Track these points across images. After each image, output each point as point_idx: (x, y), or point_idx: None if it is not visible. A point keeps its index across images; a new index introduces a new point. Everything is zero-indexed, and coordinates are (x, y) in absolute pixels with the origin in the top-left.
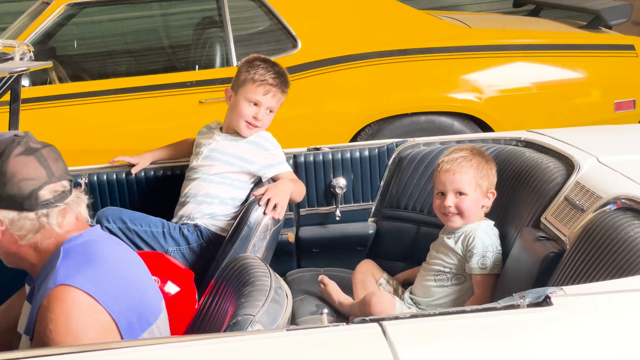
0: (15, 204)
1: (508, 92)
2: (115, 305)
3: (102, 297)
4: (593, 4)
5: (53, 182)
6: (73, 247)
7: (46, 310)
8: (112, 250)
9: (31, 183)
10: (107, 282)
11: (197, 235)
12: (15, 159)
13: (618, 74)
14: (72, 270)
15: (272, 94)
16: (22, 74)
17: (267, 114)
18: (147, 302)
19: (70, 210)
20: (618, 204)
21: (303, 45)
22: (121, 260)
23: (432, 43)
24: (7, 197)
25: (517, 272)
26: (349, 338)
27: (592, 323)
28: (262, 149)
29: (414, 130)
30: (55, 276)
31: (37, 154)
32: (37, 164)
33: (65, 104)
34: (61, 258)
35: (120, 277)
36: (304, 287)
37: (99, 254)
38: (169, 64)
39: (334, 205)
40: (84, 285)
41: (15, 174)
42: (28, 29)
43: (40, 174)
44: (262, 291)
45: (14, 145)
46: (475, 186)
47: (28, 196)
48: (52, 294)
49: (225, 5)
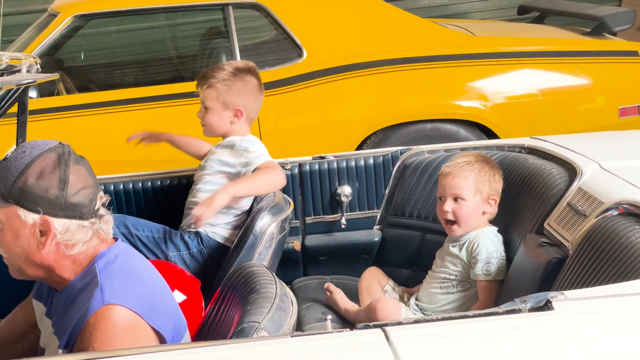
0: (76, 213)
1: (513, 99)
2: (159, 320)
3: (147, 314)
4: (597, 10)
5: (100, 190)
6: (109, 263)
7: (93, 329)
8: (142, 263)
9: (89, 191)
10: (150, 298)
11: (197, 241)
12: (73, 167)
13: (622, 80)
14: (118, 288)
15: (198, 89)
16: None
17: (203, 110)
18: (179, 313)
19: (110, 219)
20: (620, 210)
21: (308, 55)
22: (152, 272)
23: (437, 51)
24: (69, 206)
25: (521, 278)
26: (353, 343)
27: (593, 327)
28: (237, 149)
29: (420, 137)
30: (100, 294)
31: (84, 162)
32: (87, 172)
33: (73, 115)
34: (101, 275)
35: (159, 291)
36: (310, 294)
37: (136, 269)
38: (176, 74)
39: (339, 213)
40: (132, 304)
41: (75, 183)
42: (35, 41)
43: (92, 183)
44: (268, 298)
45: (66, 153)
46: (474, 191)
47: (88, 204)
48: (100, 312)
49: (231, 16)
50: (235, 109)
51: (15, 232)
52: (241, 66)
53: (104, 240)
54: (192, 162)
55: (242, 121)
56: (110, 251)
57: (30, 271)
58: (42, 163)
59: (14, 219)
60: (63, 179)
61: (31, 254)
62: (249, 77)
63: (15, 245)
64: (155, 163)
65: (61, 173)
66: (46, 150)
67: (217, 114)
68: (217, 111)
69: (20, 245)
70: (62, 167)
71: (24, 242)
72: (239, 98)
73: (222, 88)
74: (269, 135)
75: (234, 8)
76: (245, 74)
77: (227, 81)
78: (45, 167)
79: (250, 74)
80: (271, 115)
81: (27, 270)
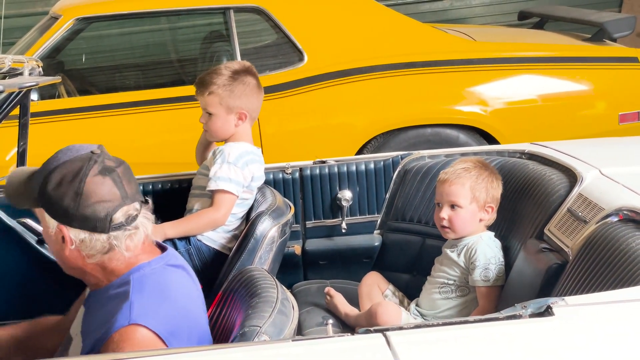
0: (88, 225)
1: (513, 105)
2: (179, 344)
3: (170, 338)
4: (597, 16)
5: (126, 204)
6: (145, 279)
7: (116, 346)
8: (178, 281)
9: (106, 205)
10: (176, 321)
11: (185, 242)
12: (92, 179)
13: (622, 86)
14: (147, 308)
15: (197, 95)
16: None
17: (207, 116)
18: (205, 337)
19: (139, 233)
20: (620, 216)
21: (309, 59)
22: (187, 292)
23: (438, 56)
24: (81, 218)
25: (521, 283)
26: (354, 348)
27: (593, 333)
28: (217, 157)
29: (420, 142)
30: (129, 311)
31: (113, 174)
32: (112, 185)
33: (74, 118)
34: (134, 289)
35: (188, 314)
36: (310, 299)
37: (171, 287)
38: (177, 77)
39: (339, 217)
40: (157, 328)
41: (90, 195)
42: (37, 44)
43: (115, 196)
44: (269, 303)
45: (90, 164)
46: (470, 199)
47: (102, 219)
48: (125, 331)
49: (232, 19)
50: (239, 112)
51: (47, 233)
52: (238, 68)
53: (145, 251)
54: (191, 166)
55: (246, 123)
56: (149, 265)
57: (66, 270)
58: (65, 170)
59: (44, 219)
60: (77, 190)
61: (62, 255)
62: (248, 78)
63: (50, 243)
64: (156, 166)
65: (77, 184)
66: (74, 157)
67: (221, 119)
68: (221, 116)
69: (53, 245)
70: (80, 177)
71: (54, 243)
72: (242, 101)
73: (224, 93)
74: (269, 139)
75: (235, 12)
76: (244, 76)
77: (227, 86)
78: (66, 176)
79: (248, 74)
80: (272, 119)
81: (64, 268)
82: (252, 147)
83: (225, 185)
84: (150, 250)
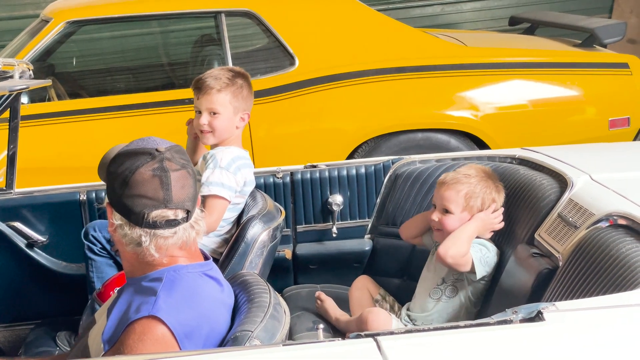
0: (125, 213)
1: (504, 110)
2: (190, 348)
3: (184, 340)
4: (588, 22)
5: (168, 207)
6: (177, 279)
7: (133, 332)
8: (209, 292)
9: (145, 202)
10: (194, 325)
11: None
12: (141, 174)
13: (612, 92)
14: (171, 306)
15: (204, 94)
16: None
17: (211, 116)
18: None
19: (175, 239)
20: (610, 221)
21: (300, 63)
22: (214, 303)
23: (429, 61)
24: (121, 204)
25: (512, 288)
26: (345, 353)
27: (584, 338)
28: (209, 162)
29: (411, 147)
30: (154, 302)
31: (164, 175)
32: (158, 185)
33: (64, 121)
34: (164, 286)
35: (210, 322)
36: (300, 303)
37: (198, 295)
38: (168, 81)
39: (330, 222)
40: (174, 325)
41: (134, 188)
42: (27, 47)
43: (157, 196)
44: (261, 307)
45: (148, 158)
46: (463, 207)
47: (137, 213)
48: (144, 321)
49: (224, 23)
50: (244, 114)
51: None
52: (240, 71)
53: (188, 255)
54: None
55: (242, 126)
56: (185, 268)
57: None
58: (127, 157)
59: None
60: (125, 179)
61: (111, 231)
62: (248, 81)
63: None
64: None
65: (127, 173)
66: (141, 148)
67: (227, 118)
68: (227, 116)
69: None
70: (133, 169)
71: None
72: (247, 103)
73: (236, 91)
74: (260, 143)
75: (226, 16)
76: (246, 80)
77: (238, 86)
78: (125, 162)
79: (247, 78)
80: (263, 123)
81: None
82: (242, 152)
83: (217, 190)
84: (193, 256)
